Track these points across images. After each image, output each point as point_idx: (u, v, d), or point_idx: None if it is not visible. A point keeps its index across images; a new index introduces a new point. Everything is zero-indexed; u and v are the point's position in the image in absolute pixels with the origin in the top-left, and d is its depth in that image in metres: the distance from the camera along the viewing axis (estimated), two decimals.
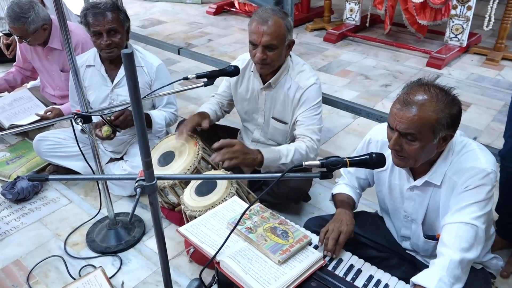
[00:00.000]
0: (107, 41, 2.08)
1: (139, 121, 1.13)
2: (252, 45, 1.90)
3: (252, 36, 1.87)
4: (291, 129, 2.07)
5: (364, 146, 1.64)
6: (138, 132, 1.14)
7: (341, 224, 1.52)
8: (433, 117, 1.28)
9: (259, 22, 1.84)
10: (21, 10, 2.36)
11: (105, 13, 2.05)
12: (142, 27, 5.08)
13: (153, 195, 1.28)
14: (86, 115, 1.70)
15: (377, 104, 3.24)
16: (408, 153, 1.35)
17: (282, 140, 2.15)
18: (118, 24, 2.09)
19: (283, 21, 1.86)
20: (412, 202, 1.51)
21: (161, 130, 2.29)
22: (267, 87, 2.03)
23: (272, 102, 2.06)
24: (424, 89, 1.32)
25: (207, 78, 1.89)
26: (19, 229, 2.12)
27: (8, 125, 2.63)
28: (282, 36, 1.86)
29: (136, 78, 1.07)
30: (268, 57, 1.88)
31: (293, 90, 1.99)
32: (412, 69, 3.82)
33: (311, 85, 1.96)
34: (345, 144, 2.77)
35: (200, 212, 1.72)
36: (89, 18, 2.06)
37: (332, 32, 4.50)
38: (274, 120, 2.10)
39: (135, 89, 1.08)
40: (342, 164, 1.31)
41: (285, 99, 2.02)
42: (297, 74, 1.99)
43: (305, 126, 1.96)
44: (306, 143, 1.91)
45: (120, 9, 2.13)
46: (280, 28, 1.84)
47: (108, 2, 2.10)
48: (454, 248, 1.28)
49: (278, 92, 2.03)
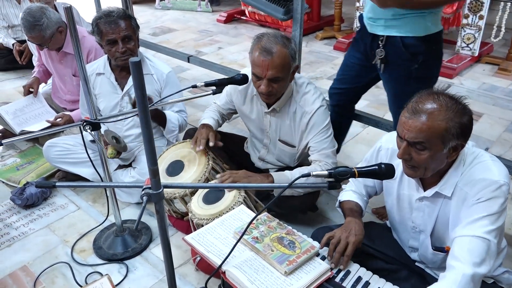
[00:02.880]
0: (122, 48, 2.10)
1: (146, 129, 1.13)
2: (256, 77, 1.82)
3: (256, 69, 1.79)
4: (300, 152, 2.03)
5: (374, 153, 1.62)
6: (145, 140, 1.14)
7: (350, 234, 1.50)
8: (442, 126, 1.26)
9: (263, 55, 1.74)
10: (34, 19, 2.40)
11: (118, 21, 2.07)
12: (153, 34, 5.12)
13: (160, 203, 1.27)
14: (95, 122, 1.70)
15: (387, 113, 3.20)
16: (418, 163, 1.33)
17: (290, 162, 2.11)
18: (132, 31, 2.12)
19: (287, 50, 1.76)
20: (421, 213, 1.49)
21: (174, 130, 2.29)
22: (272, 112, 1.98)
23: (278, 126, 2.02)
24: (434, 98, 1.30)
25: (216, 86, 1.89)
26: (28, 235, 2.12)
27: (19, 131, 2.66)
28: (287, 67, 1.78)
29: (143, 86, 1.07)
30: (273, 89, 1.81)
31: (299, 115, 1.93)
32: None
33: (317, 108, 1.90)
34: (354, 153, 2.74)
35: (207, 221, 1.71)
36: (102, 27, 2.08)
37: (342, 41, 4.50)
38: (281, 143, 2.06)
39: (142, 98, 1.08)
40: (351, 174, 1.30)
41: (291, 123, 1.97)
42: (302, 97, 1.93)
43: (318, 151, 1.91)
44: (322, 167, 1.87)
45: (131, 17, 2.16)
46: (285, 60, 1.76)
47: (120, 10, 2.13)
48: (466, 262, 1.25)
49: (284, 116, 1.97)
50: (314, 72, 3.94)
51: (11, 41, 3.73)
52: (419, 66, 1.84)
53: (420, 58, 1.84)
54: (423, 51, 1.83)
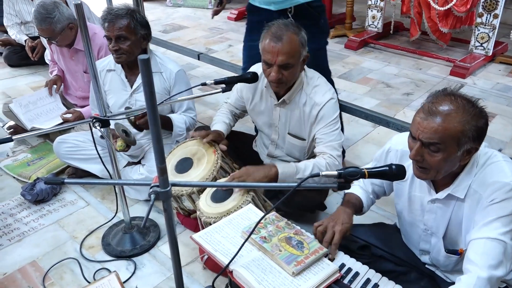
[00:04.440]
0: (114, 46, 2.10)
1: (154, 127, 1.12)
2: (266, 64, 1.82)
3: (266, 55, 1.79)
4: (309, 145, 2.03)
5: (383, 154, 1.60)
6: (153, 138, 1.14)
7: (336, 223, 1.50)
8: (459, 128, 1.24)
9: (273, 40, 1.75)
10: (46, 11, 2.45)
11: (115, 19, 2.07)
12: (164, 32, 5.13)
13: (167, 201, 1.26)
14: (104, 119, 1.71)
15: (398, 113, 3.18)
16: (430, 165, 1.30)
17: (300, 156, 2.10)
18: (128, 32, 2.08)
19: (297, 37, 1.77)
20: (433, 215, 1.46)
21: (182, 133, 2.29)
22: (282, 103, 1.98)
23: (288, 118, 2.01)
24: (451, 99, 1.28)
25: (225, 84, 1.89)
26: (37, 230, 2.14)
27: (30, 127, 2.68)
28: (297, 53, 1.79)
29: (152, 84, 1.06)
30: (283, 76, 1.81)
31: (308, 106, 1.93)
32: (435, 78, 3.75)
33: (328, 100, 1.90)
34: (364, 153, 2.72)
35: (215, 219, 1.70)
36: (104, 23, 2.10)
37: (354, 39, 4.46)
38: (290, 136, 2.05)
39: (151, 95, 1.07)
40: (361, 175, 1.28)
41: (301, 115, 1.97)
42: (312, 89, 1.93)
43: (324, 143, 1.90)
44: (326, 159, 1.86)
45: (133, 16, 2.10)
46: (295, 46, 1.77)
47: (123, 8, 2.11)
48: (481, 265, 1.23)
49: (293, 108, 1.97)
50: None
51: (23, 37, 3.76)
52: (323, 20, 2.23)
53: (323, 14, 2.24)
54: (323, 7, 2.24)
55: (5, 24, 3.94)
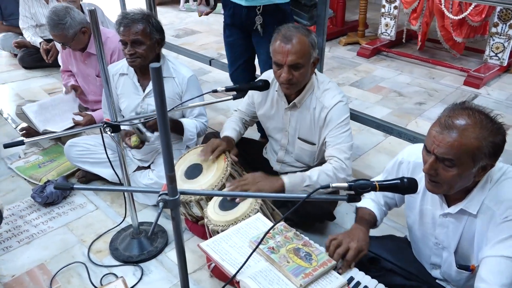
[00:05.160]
0: (129, 51, 2.10)
1: (164, 135, 1.11)
2: (277, 65, 1.84)
3: (277, 56, 1.82)
4: (319, 150, 2.02)
5: (394, 166, 1.57)
6: (163, 146, 1.13)
7: (352, 240, 1.47)
8: (475, 144, 1.21)
9: (283, 41, 1.79)
10: (58, 17, 2.47)
11: (132, 24, 2.08)
12: (177, 36, 5.16)
13: (176, 210, 1.26)
14: (115, 124, 1.71)
15: (410, 122, 3.15)
16: (443, 179, 1.28)
17: (310, 161, 2.09)
18: (144, 36, 2.10)
19: (307, 39, 1.81)
20: (444, 229, 1.44)
21: (193, 138, 2.29)
22: (292, 107, 1.98)
23: (298, 123, 2.01)
24: (468, 114, 1.25)
25: (236, 92, 1.88)
26: (46, 233, 2.15)
27: (42, 130, 2.70)
28: (307, 54, 1.81)
29: (163, 92, 1.05)
30: (294, 77, 1.83)
31: (318, 110, 1.93)
32: (448, 88, 3.71)
33: (336, 103, 1.90)
34: (375, 162, 2.69)
35: (222, 227, 1.69)
36: (119, 27, 2.11)
37: (366, 47, 4.44)
38: (300, 141, 2.05)
39: (161, 103, 1.07)
40: (371, 188, 1.25)
41: (311, 119, 1.97)
42: (322, 93, 1.94)
43: (333, 146, 1.90)
44: (333, 164, 1.85)
45: (149, 21, 2.12)
46: (305, 46, 1.79)
47: (139, 13, 2.12)
48: (494, 284, 1.20)
49: (304, 112, 1.98)
50: (337, 78, 3.89)
51: (38, 40, 3.80)
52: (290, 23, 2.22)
53: (290, 17, 2.37)
54: (290, 11, 2.38)
55: (21, 26, 4.00)
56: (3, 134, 3.03)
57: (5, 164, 2.69)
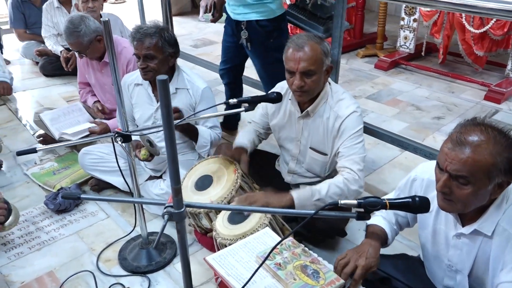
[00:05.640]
0: (141, 65, 2.13)
1: (170, 148, 1.10)
2: (289, 73, 1.85)
3: (289, 63, 1.83)
4: (331, 160, 1.99)
5: (407, 184, 1.53)
6: (169, 158, 1.12)
7: (360, 257, 1.42)
8: (489, 161, 1.17)
9: (295, 49, 1.81)
10: (73, 26, 2.53)
11: (144, 38, 2.10)
12: (194, 46, 5.20)
13: (181, 223, 1.25)
14: (126, 134, 1.72)
15: (428, 137, 3.08)
16: (458, 198, 1.23)
17: (321, 172, 2.06)
18: (156, 50, 2.11)
19: (319, 46, 1.81)
20: (458, 251, 1.38)
21: (206, 145, 2.28)
22: (305, 116, 1.97)
23: (310, 132, 2.00)
24: (481, 129, 1.21)
25: (249, 104, 1.87)
26: (57, 240, 2.16)
27: (58, 136, 2.74)
28: (319, 61, 1.81)
29: (169, 105, 1.05)
30: (306, 84, 1.83)
31: (332, 120, 1.91)
32: (468, 102, 3.62)
33: (351, 113, 1.88)
34: (390, 178, 2.63)
35: (230, 241, 1.67)
36: (133, 41, 2.13)
37: (384, 60, 4.39)
38: (312, 151, 2.02)
39: (168, 115, 1.06)
40: (382, 206, 1.21)
41: (324, 129, 1.95)
42: (336, 103, 1.92)
43: (346, 157, 1.87)
44: (344, 175, 1.82)
45: (162, 35, 2.12)
46: (317, 53, 1.80)
47: (151, 27, 2.13)
48: None
49: (317, 122, 1.96)
50: (353, 91, 3.85)
51: (59, 49, 3.89)
52: (274, 40, 2.44)
53: (273, 34, 2.44)
54: (274, 29, 2.43)
55: (43, 35, 4.09)
56: (21, 140, 3.09)
57: (21, 170, 2.73)
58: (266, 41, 2.46)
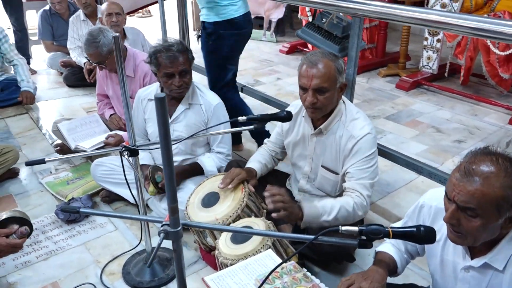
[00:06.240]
0: (179, 82, 2.15)
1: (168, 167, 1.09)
2: (302, 89, 1.85)
3: (302, 80, 1.82)
4: (342, 179, 1.95)
5: (415, 211, 1.48)
6: (166, 177, 1.11)
7: (365, 281, 1.37)
8: (499, 194, 1.11)
9: (309, 66, 1.80)
10: (92, 37, 2.61)
11: (177, 55, 2.13)
12: None
13: (177, 242, 1.23)
14: (133, 148, 1.72)
15: (447, 161, 2.99)
16: (467, 230, 1.17)
17: (331, 191, 2.02)
18: (188, 65, 2.18)
19: (333, 63, 1.79)
20: (466, 285, 1.31)
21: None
22: (318, 133, 1.95)
23: (322, 150, 1.97)
24: (491, 159, 1.15)
25: (258, 122, 1.85)
26: (64, 250, 2.17)
27: (74, 147, 2.78)
28: (332, 78, 1.79)
29: (167, 123, 1.04)
30: (319, 101, 1.81)
31: (345, 139, 1.88)
32: (492, 126, 3.51)
33: (365, 135, 1.84)
34: (405, 202, 2.55)
35: (232, 261, 1.64)
36: (161, 60, 2.13)
37: (406, 80, 4.31)
38: (323, 169, 1.99)
39: (165, 135, 1.05)
40: (384, 234, 1.16)
41: (336, 148, 1.92)
42: (350, 122, 1.89)
43: (356, 179, 1.83)
44: (355, 198, 1.77)
45: (188, 50, 2.21)
46: (330, 70, 1.78)
47: (179, 43, 2.19)
48: None
49: (329, 139, 1.93)
50: (372, 111, 3.79)
51: (83, 60, 3.98)
52: (212, 43, 2.65)
53: (212, 37, 2.63)
54: (213, 32, 2.61)
55: (68, 46, 4.22)
56: (39, 149, 3.15)
57: (37, 178, 2.77)
58: (206, 42, 2.69)
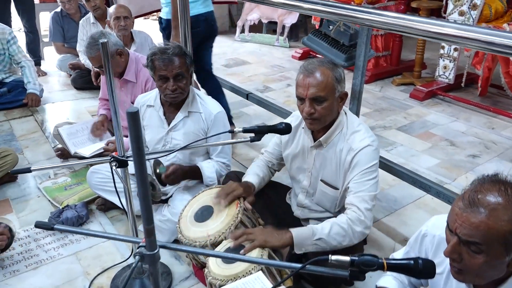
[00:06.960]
0: (173, 86, 2.08)
1: (141, 186, 1.01)
2: (299, 99, 1.75)
3: (298, 89, 1.73)
4: (342, 195, 1.84)
5: (417, 239, 1.36)
6: (140, 196, 1.03)
7: None
8: (506, 229, 0.99)
9: (305, 75, 1.70)
10: (93, 40, 2.59)
11: (173, 58, 2.06)
12: (226, 66, 5.18)
13: (154, 265, 1.15)
14: (121, 159, 1.64)
15: (460, 177, 2.84)
16: (469, 267, 1.06)
17: (330, 207, 1.91)
18: (185, 69, 2.10)
19: (331, 72, 1.69)
20: None
21: (213, 183, 2.22)
22: (318, 146, 1.85)
23: (322, 163, 1.86)
24: (499, 189, 1.03)
25: (255, 133, 1.76)
26: (54, 260, 2.11)
27: (73, 152, 2.73)
28: (330, 87, 1.69)
29: (140, 139, 0.96)
30: (316, 111, 1.71)
31: (345, 152, 1.77)
32: (509, 140, 3.34)
33: (365, 146, 1.73)
34: (413, 220, 2.42)
35: (221, 282, 1.55)
36: (157, 63, 2.07)
37: (420, 89, 4.16)
38: (322, 184, 1.88)
39: (138, 149, 0.97)
40: (378, 266, 1.06)
41: (337, 162, 1.81)
42: (351, 135, 1.78)
43: (354, 193, 1.71)
44: (349, 214, 1.66)
45: (186, 54, 2.13)
46: (327, 79, 1.68)
47: (176, 47, 2.11)
48: None
49: (329, 152, 1.82)
50: (384, 121, 3.66)
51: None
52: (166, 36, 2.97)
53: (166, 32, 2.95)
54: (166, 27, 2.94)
55: (78, 49, 4.20)
56: (41, 152, 3.11)
57: (36, 183, 2.73)
58: (162, 36, 3.02)
